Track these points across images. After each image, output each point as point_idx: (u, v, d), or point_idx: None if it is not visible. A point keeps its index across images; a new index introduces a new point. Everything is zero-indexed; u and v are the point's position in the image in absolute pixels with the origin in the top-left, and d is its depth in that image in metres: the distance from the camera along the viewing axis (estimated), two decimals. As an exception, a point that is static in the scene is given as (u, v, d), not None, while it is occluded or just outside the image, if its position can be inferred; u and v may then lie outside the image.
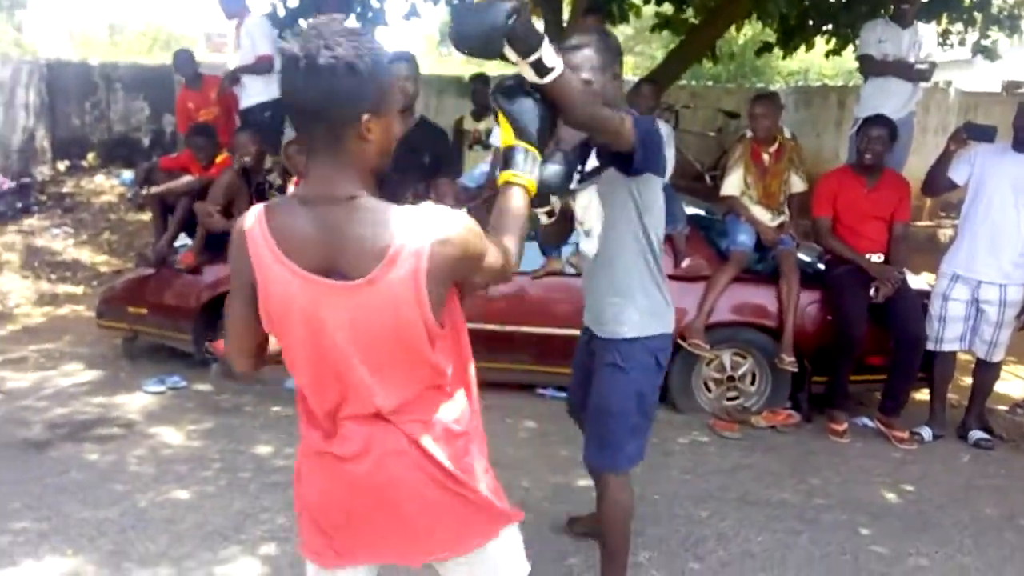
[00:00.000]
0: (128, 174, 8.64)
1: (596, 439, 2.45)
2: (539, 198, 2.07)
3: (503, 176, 1.64)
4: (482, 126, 5.74)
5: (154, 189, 5.10)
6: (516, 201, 1.61)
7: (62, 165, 9.72)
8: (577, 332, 4.22)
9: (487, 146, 5.34)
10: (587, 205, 2.38)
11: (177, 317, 4.67)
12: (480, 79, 6.20)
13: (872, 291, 4.13)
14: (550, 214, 2.37)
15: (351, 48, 1.30)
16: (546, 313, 4.41)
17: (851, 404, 4.37)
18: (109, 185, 8.93)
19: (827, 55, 7.91)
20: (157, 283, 4.79)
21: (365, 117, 1.34)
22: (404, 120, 3.62)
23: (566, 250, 4.42)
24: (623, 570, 2.49)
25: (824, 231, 4.34)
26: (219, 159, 5.10)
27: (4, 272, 6.66)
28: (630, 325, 2.34)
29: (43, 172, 9.36)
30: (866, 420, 4.39)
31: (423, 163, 3.65)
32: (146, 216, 7.28)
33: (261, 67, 5.77)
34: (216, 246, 4.65)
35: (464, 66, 18.74)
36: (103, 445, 3.72)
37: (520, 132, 1.66)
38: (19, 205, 8.09)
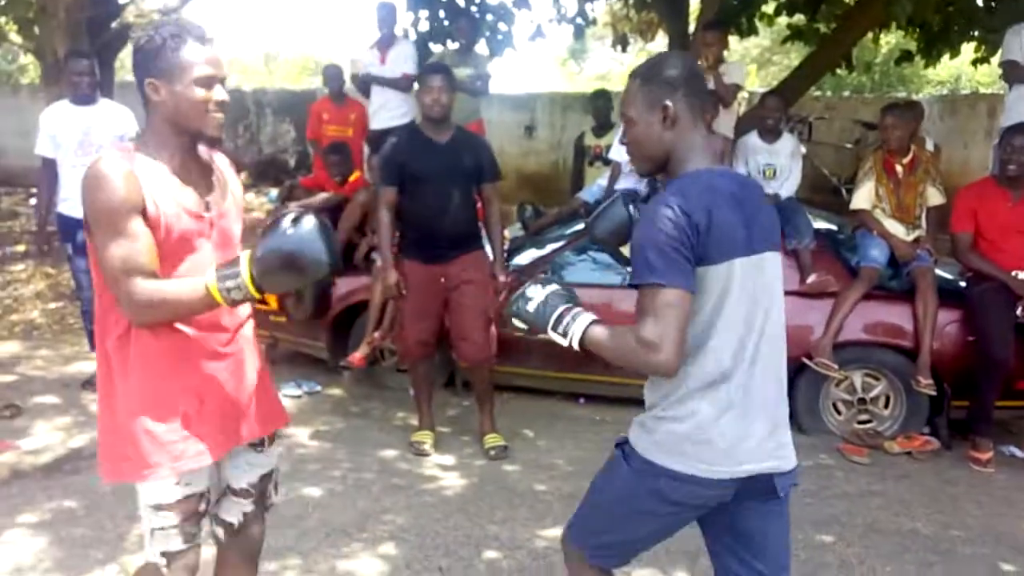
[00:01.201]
0: (275, 192, 9.25)
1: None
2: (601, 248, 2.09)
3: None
4: (603, 142, 5.78)
5: (292, 205, 5.44)
6: (187, 288, 1.70)
7: (217, 184, 10.52)
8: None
9: (607, 162, 5.38)
10: None
11: (313, 326, 4.95)
12: (602, 95, 6.23)
13: (1019, 311, 3.86)
14: None
15: (145, 33, 1.75)
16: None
17: (996, 431, 4.08)
18: (258, 203, 9.58)
19: (974, 63, 7.44)
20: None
21: (147, 80, 1.73)
22: (442, 129, 3.78)
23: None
24: None
25: (964, 247, 4.09)
26: (353, 177, 5.39)
27: (164, 283, 7.28)
28: (639, 438, 1.79)
29: (199, 191, 10.16)
30: (1014, 449, 4.11)
31: (466, 170, 3.77)
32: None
33: (400, 83, 6.03)
34: (346, 260, 4.94)
35: (592, 83, 18.84)
36: (243, 443, 4.00)
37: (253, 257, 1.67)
38: (177, 221, 8.82)
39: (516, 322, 1.79)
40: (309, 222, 1.67)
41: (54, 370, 5.07)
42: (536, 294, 1.76)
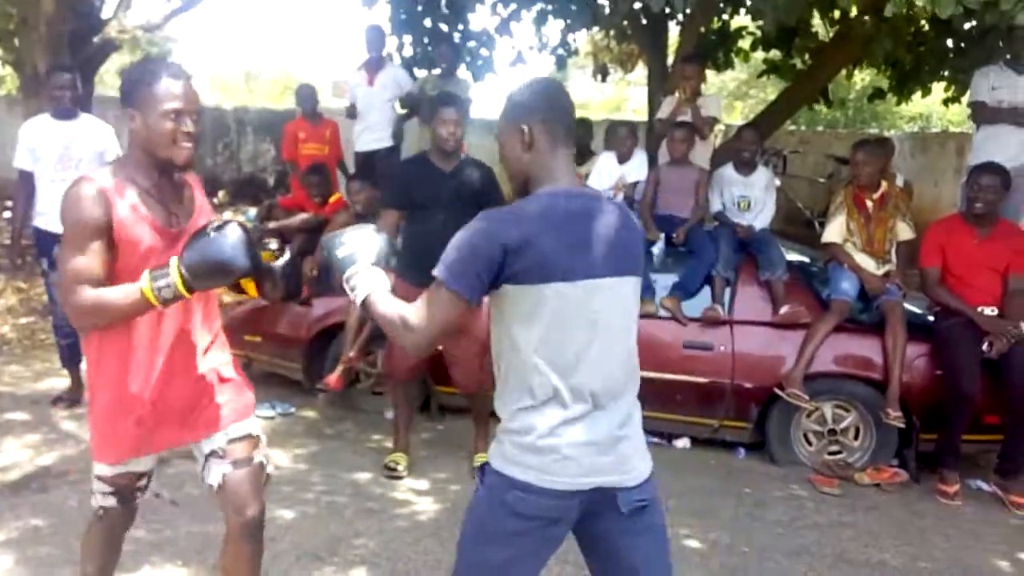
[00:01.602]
0: (253, 211, 9.20)
1: None
2: None
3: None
4: (582, 170, 5.83)
5: (272, 225, 5.45)
6: (123, 292, 1.93)
7: (195, 201, 10.46)
8: (673, 376, 4.27)
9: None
10: None
11: (288, 347, 4.94)
12: (581, 124, 6.29)
13: (985, 345, 3.94)
14: None
15: (130, 67, 2.05)
16: (640, 356, 4.40)
17: (964, 465, 4.14)
18: (236, 220, 9.54)
19: (945, 102, 7.64)
20: (271, 314, 5.07)
21: (127, 109, 1.99)
22: (451, 159, 3.89)
23: (659, 292, 4.45)
24: None
25: (932, 281, 4.19)
26: (332, 198, 5.40)
27: (138, 299, 7.20)
28: (492, 452, 1.81)
29: (177, 208, 10.10)
30: (980, 483, 4.17)
31: (470, 198, 3.84)
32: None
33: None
34: (325, 281, 4.94)
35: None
36: (215, 464, 3.96)
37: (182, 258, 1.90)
38: (154, 238, 8.77)
39: (324, 253, 1.93)
40: (232, 230, 1.92)
41: (24, 386, 4.99)
42: (349, 242, 1.88)
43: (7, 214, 8.89)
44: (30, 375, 5.23)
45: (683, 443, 4.50)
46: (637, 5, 6.21)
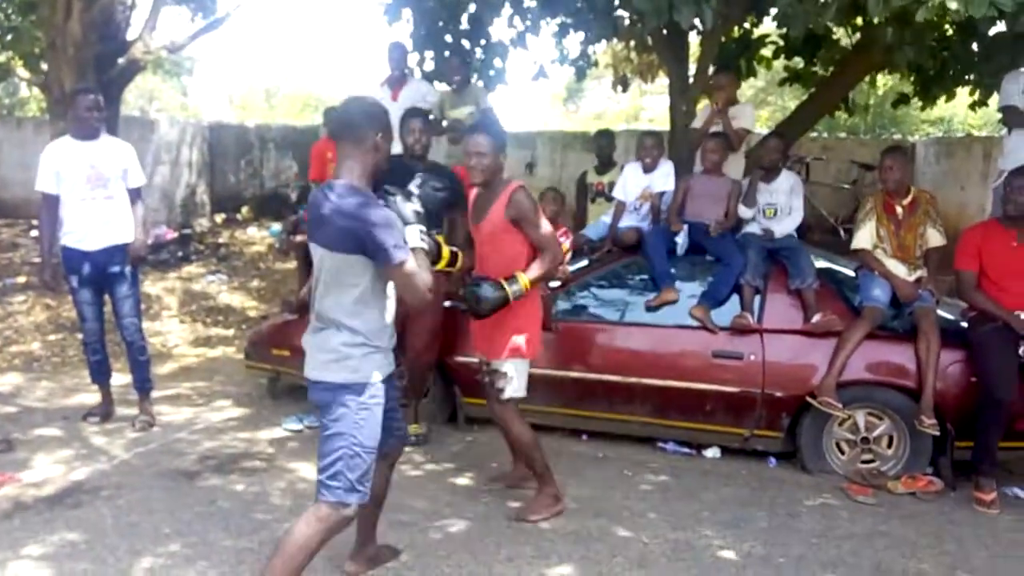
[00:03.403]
0: (276, 226, 9.29)
1: None
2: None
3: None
4: (605, 179, 5.84)
5: (298, 238, 5.48)
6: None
7: (219, 218, 10.60)
8: (702, 386, 4.24)
9: (610, 199, 5.42)
10: None
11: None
12: (604, 134, 6.31)
13: (1022, 350, 3.89)
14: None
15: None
16: (668, 365, 4.39)
17: (1000, 472, 4.08)
18: (260, 236, 9.63)
19: (971, 106, 7.55)
20: (298, 328, 5.09)
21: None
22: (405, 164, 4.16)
23: (688, 301, 4.43)
24: None
25: (968, 285, 4.13)
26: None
27: (164, 316, 7.27)
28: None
29: (202, 224, 10.23)
30: (1017, 490, 4.11)
31: (436, 200, 4.11)
32: (291, 265, 7.80)
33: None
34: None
35: (589, 122, 19.02)
36: (246, 477, 3.98)
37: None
38: (180, 254, 8.87)
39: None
40: None
41: (55, 402, 5.05)
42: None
43: (34, 233, 9.03)
44: (61, 391, 5.29)
45: (713, 453, 4.46)
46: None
